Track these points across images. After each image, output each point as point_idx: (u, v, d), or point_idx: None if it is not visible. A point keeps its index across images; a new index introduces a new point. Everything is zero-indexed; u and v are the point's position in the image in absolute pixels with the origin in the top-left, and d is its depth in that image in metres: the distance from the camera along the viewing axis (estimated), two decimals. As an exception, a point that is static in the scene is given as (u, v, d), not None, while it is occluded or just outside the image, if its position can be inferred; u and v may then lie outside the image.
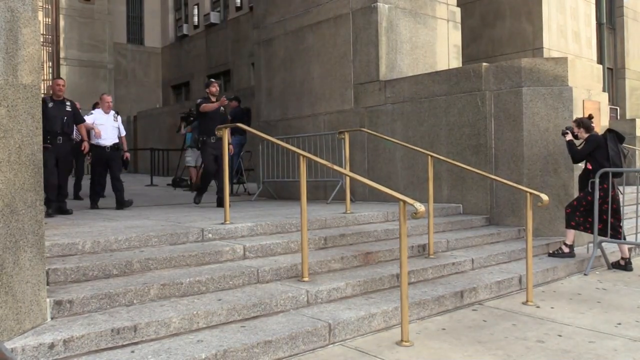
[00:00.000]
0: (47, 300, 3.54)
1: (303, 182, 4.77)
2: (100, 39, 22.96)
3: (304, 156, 4.81)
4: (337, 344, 3.95)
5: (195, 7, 24.55)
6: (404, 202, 3.92)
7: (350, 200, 7.33)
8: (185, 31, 24.81)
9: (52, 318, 3.54)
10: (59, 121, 7.19)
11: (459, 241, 6.47)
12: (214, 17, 22.87)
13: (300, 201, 4.72)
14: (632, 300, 5.30)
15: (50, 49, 22.50)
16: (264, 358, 3.54)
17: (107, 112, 8.36)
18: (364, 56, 9.19)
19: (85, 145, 7.79)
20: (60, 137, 7.19)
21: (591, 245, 6.73)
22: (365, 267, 5.31)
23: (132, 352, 3.31)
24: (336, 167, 4.86)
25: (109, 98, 8.61)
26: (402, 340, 3.96)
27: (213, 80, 8.58)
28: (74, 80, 21.75)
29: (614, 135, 6.64)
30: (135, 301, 3.88)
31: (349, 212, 6.84)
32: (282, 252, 5.26)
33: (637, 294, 5.55)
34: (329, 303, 4.45)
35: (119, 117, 8.64)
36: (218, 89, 8.37)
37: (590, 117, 6.76)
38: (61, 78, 8.08)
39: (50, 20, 22.64)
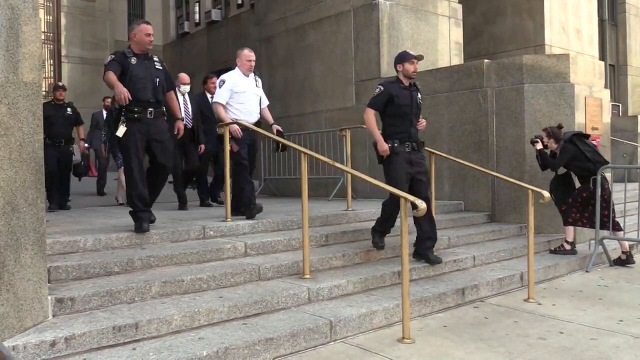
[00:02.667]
0: (49, 297, 3.54)
1: (304, 179, 4.77)
2: (101, 36, 22.97)
3: (305, 153, 4.81)
4: (338, 341, 3.95)
5: (197, 4, 24.52)
6: (405, 199, 3.92)
7: (352, 197, 7.33)
8: (186, 29, 24.78)
9: (53, 316, 3.54)
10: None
11: (460, 238, 6.47)
12: (215, 15, 22.83)
13: (301, 198, 4.72)
14: (633, 297, 5.29)
15: (51, 46, 22.50)
16: (265, 355, 3.54)
17: (247, 74, 6.28)
18: (365, 53, 9.17)
19: (180, 127, 5.66)
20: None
21: (592, 242, 6.72)
22: (366, 264, 5.30)
23: (134, 349, 3.31)
24: (337, 164, 4.86)
25: (251, 54, 6.28)
26: (403, 338, 3.96)
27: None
28: (75, 79, 21.77)
29: (580, 137, 6.64)
30: (136, 298, 3.89)
31: (350, 209, 6.84)
32: (284, 250, 5.26)
33: (639, 290, 5.54)
34: (330, 300, 4.45)
35: (260, 82, 6.57)
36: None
37: (560, 127, 6.75)
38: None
39: (51, 18, 22.64)
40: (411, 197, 3.92)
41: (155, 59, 5.22)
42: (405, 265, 3.92)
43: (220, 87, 6.13)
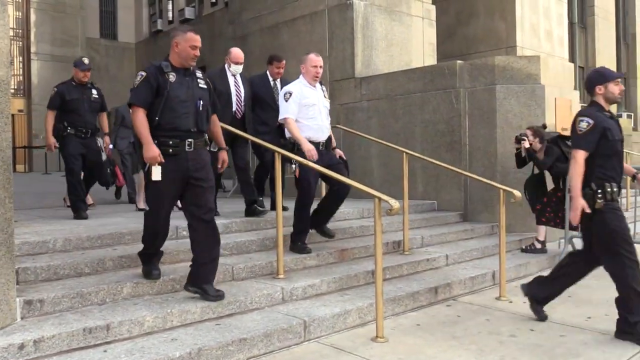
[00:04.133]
0: (17, 299, 3.46)
1: (278, 178, 4.77)
2: (72, 33, 22.59)
3: (279, 153, 4.80)
4: (312, 340, 3.95)
5: (170, 2, 24.29)
6: (379, 198, 3.94)
7: (326, 197, 7.32)
8: (159, 26, 24.53)
9: (22, 318, 3.47)
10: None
11: (433, 237, 6.53)
12: (189, 13, 22.64)
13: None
14: (601, 294, 5.40)
15: (20, 43, 22.06)
16: (238, 356, 3.52)
17: (313, 84, 5.40)
18: (339, 53, 9.20)
19: (224, 159, 4.40)
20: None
21: (562, 240, 6.84)
22: (340, 263, 5.32)
23: (105, 351, 3.26)
24: (311, 164, 4.86)
25: (318, 59, 5.34)
26: (377, 337, 3.98)
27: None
28: (45, 76, 21.37)
29: (563, 139, 6.78)
30: (108, 300, 3.83)
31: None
32: (257, 250, 5.25)
33: (607, 288, 5.63)
34: (305, 300, 4.45)
35: (327, 92, 5.65)
36: None
37: (544, 126, 6.86)
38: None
39: (20, 14, 22.20)
40: (385, 197, 3.94)
41: (199, 74, 4.10)
42: (379, 265, 3.94)
43: (286, 100, 5.24)
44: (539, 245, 6.73)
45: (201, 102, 3.97)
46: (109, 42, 25.59)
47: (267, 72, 6.63)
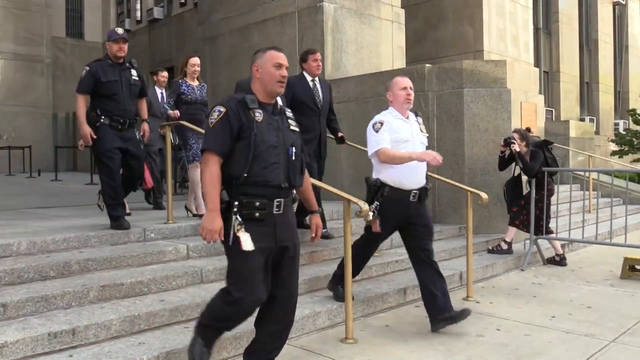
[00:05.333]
0: (-21, 304, 3.38)
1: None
2: (37, 32, 22.09)
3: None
4: (282, 342, 3.94)
5: (138, 2, 23.98)
6: (349, 200, 3.96)
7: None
8: (127, 26, 24.16)
9: (-16, 323, 3.39)
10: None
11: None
12: (158, 13, 22.39)
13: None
14: (565, 294, 5.53)
15: (-18, 41, 21.48)
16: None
17: (405, 114, 4.43)
18: (309, 55, 9.19)
19: (318, 225, 3.36)
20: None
21: (527, 241, 6.98)
22: (310, 265, 5.32)
23: (70, 356, 3.21)
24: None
25: (405, 82, 4.45)
26: (346, 338, 4.01)
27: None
28: (8, 75, 20.83)
29: (546, 145, 6.97)
30: (73, 304, 3.77)
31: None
32: (227, 252, 5.21)
33: (570, 288, 5.80)
34: (274, 302, 4.44)
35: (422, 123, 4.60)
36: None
37: (529, 130, 7.01)
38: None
39: (-18, 11, 21.62)
40: (354, 199, 3.96)
41: (289, 113, 3.20)
42: (348, 266, 3.96)
43: (376, 130, 4.28)
44: (505, 246, 6.84)
45: (294, 150, 3.04)
46: (75, 41, 25.10)
47: (304, 72, 5.86)
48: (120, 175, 5.26)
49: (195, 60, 6.40)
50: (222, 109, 2.92)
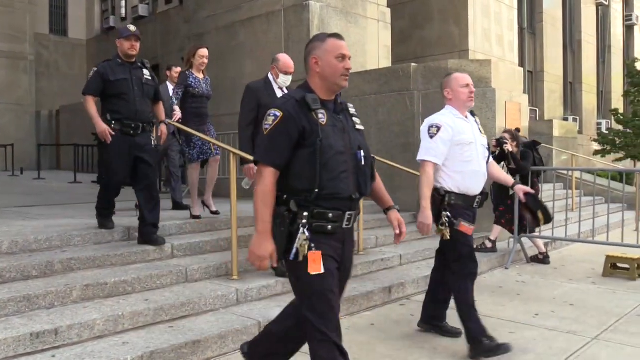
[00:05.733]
0: (-41, 304, 3.34)
1: (233, 179, 4.74)
2: (20, 29, 21.83)
3: (234, 154, 4.78)
4: (267, 341, 3.94)
5: (123, -2, 23.81)
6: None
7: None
8: (112, 23, 23.97)
9: (-36, 323, 3.35)
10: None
11: (387, 238, 6.60)
12: (143, 10, 22.23)
13: (230, 199, 4.68)
14: (548, 291, 5.58)
15: (-36, 38, 21.19)
16: (192, 358, 3.49)
17: (464, 113, 3.95)
18: (295, 54, 9.15)
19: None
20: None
21: (512, 240, 7.03)
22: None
23: (53, 356, 3.18)
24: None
25: (465, 79, 3.92)
26: (331, 336, 4.00)
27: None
28: (-10, 72, 20.57)
29: (534, 144, 7.07)
30: (56, 303, 3.73)
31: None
32: (212, 250, 5.20)
33: (553, 286, 5.86)
34: (260, 301, 4.44)
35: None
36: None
37: (518, 130, 7.09)
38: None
39: (-36, 7, 21.33)
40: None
41: (352, 109, 2.78)
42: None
43: (431, 136, 3.80)
44: (489, 245, 6.89)
45: (362, 154, 2.62)
46: (59, 38, 24.84)
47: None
48: (120, 189, 5.05)
49: (204, 51, 6.15)
50: (279, 113, 2.49)
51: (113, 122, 4.66)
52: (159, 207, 4.80)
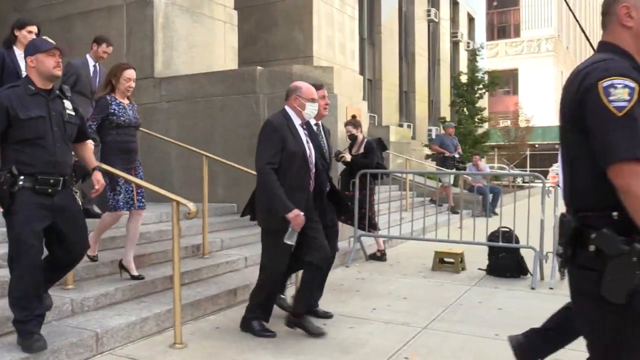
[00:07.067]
0: None
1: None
2: None
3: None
4: (105, 353, 3.76)
5: (-64, -22, 21.13)
6: (177, 202, 3.89)
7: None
8: None
9: None
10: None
11: (233, 240, 6.60)
12: (-39, -8, 19.94)
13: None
14: (385, 287, 5.96)
15: None
16: (19, 376, 3.21)
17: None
18: (138, 51, 8.84)
19: None
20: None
21: (352, 239, 7.39)
22: (136, 270, 5.10)
23: None
24: (103, 165, 4.59)
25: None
26: (175, 343, 3.93)
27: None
28: None
29: (380, 143, 7.48)
30: None
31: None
32: (43, 259, 4.81)
33: (389, 281, 6.26)
34: (97, 310, 4.21)
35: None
36: None
37: (354, 117, 7.46)
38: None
39: None
40: (183, 200, 3.90)
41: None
42: (177, 270, 3.88)
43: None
44: (332, 245, 7.16)
45: None
46: None
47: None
48: (41, 265, 3.42)
49: (131, 72, 4.89)
50: (634, 85, 1.78)
51: (22, 177, 3.32)
52: None
